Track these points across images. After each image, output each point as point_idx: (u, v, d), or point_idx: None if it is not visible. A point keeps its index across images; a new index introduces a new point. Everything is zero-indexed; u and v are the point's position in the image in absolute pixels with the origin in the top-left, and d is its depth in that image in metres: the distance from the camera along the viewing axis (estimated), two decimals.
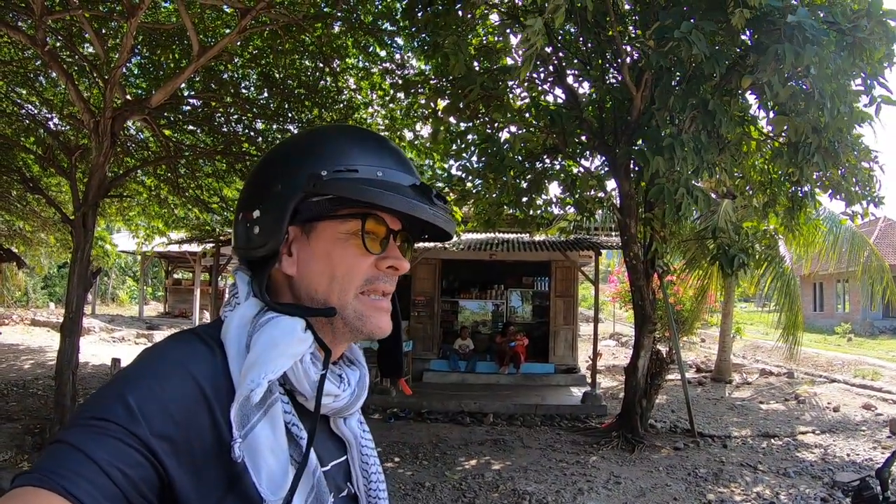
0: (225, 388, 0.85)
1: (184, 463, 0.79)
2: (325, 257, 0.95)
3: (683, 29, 5.87)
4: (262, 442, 0.83)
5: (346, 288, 0.95)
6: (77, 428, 0.76)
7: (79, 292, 7.97)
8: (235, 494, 0.83)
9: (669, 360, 9.78)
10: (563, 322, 14.71)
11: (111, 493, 0.72)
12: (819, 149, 7.33)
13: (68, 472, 0.71)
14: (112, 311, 29.60)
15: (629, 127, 8.09)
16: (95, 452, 0.73)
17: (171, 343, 0.91)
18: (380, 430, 9.67)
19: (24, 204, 15.30)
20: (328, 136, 1.00)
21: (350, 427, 1.05)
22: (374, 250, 0.95)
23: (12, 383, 11.47)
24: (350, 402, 1.00)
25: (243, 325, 0.90)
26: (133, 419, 0.76)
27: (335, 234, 0.95)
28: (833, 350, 21.16)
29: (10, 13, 8.22)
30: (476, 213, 11.14)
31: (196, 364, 0.86)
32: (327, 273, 0.95)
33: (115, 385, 0.82)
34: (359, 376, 1.04)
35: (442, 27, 7.86)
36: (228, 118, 10.83)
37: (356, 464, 1.05)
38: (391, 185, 0.92)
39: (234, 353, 0.89)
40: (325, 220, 0.95)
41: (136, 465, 0.75)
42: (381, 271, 0.97)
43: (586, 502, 6.54)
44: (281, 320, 0.90)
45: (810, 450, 8.91)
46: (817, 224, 13.01)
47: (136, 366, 0.86)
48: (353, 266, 0.95)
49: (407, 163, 0.99)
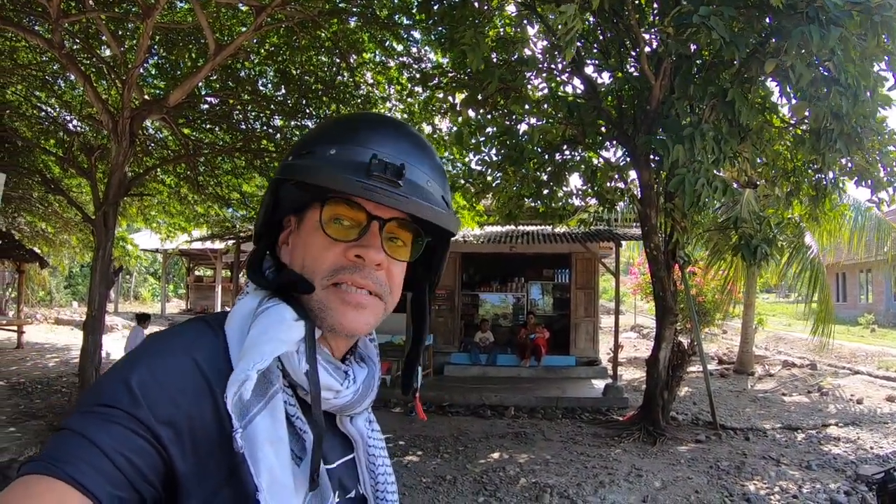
0: (227, 374, 0.84)
1: (187, 449, 0.79)
2: (303, 245, 0.94)
3: (702, 13, 5.80)
4: (261, 434, 0.82)
5: (312, 277, 0.91)
6: (81, 415, 0.76)
7: (101, 290, 8.06)
8: (234, 484, 0.82)
9: (691, 352, 9.70)
10: (583, 314, 14.65)
11: (116, 479, 0.72)
12: (841, 135, 7.21)
13: (73, 459, 0.71)
14: (135, 309, 29.89)
15: (648, 116, 8.02)
16: (100, 439, 0.73)
17: (175, 329, 0.91)
18: (401, 423, 9.70)
19: (46, 205, 15.53)
20: (317, 125, 1.01)
21: (357, 426, 1.02)
22: (342, 237, 0.91)
23: (37, 381, 11.64)
24: (354, 401, 0.97)
25: (246, 315, 0.90)
26: (136, 404, 0.76)
27: (313, 222, 0.93)
28: (856, 341, 20.87)
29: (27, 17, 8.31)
30: (497, 207, 11.10)
31: (199, 349, 0.86)
32: (300, 260, 0.94)
33: (118, 370, 0.81)
34: (367, 374, 1.01)
35: (458, 20, 7.83)
36: (246, 115, 10.88)
37: (363, 464, 1.03)
38: (336, 161, 0.88)
39: (234, 341, 0.88)
40: (310, 209, 0.94)
41: (141, 451, 0.75)
42: (348, 260, 0.91)
43: (607, 495, 6.50)
44: (272, 309, 0.89)
45: (833, 442, 8.80)
46: (843, 210, 12.76)
47: (140, 351, 0.85)
48: (318, 253, 0.92)
49: (391, 141, 0.92)
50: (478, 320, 15.42)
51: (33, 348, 16.22)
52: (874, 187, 8.68)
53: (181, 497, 0.78)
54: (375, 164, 0.86)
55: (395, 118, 1.03)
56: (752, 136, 8.16)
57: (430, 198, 0.91)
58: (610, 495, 6.49)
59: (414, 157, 0.92)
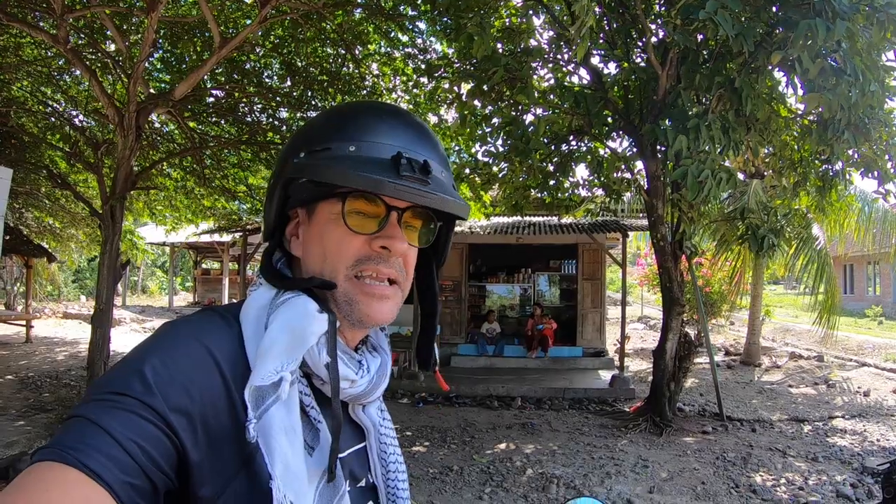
0: (241, 364, 0.85)
1: (199, 438, 0.79)
2: (319, 238, 0.94)
3: (709, 9, 5.77)
4: (276, 423, 0.82)
5: (336, 268, 0.92)
6: (94, 402, 0.76)
7: (108, 284, 8.08)
8: (247, 473, 0.83)
9: (698, 343, 9.68)
10: (590, 305, 14.66)
11: (128, 466, 0.72)
12: (849, 125, 7.18)
13: (84, 447, 0.71)
14: (142, 302, 30.07)
15: (655, 106, 7.99)
16: (112, 426, 0.73)
17: (188, 318, 0.91)
18: (409, 414, 9.73)
19: (53, 200, 15.58)
20: (317, 118, 1.01)
21: (369, 414, 1.03)
22: (363, 229, 0.92)
23: (46, 375, 11.70)
24: (368, 390, 0.98)
25: (263, 306, 0.90)
26: (149, 392, 0.76)
27: (329, 214, 0.93)
28: (864, 333, 20.79)
29: (32, 13, 8.32)
30: (503, 198, 11.09)
31: (212, 339, 0.86)
32: (321, 253, 0.94)
33: (131, 359, 0.81)
34: (379, 363, 1.01)
35: (464, 10, 7.81)
36: (252, 108, 10.88)
37: (374, 452, 1.03)
38: (361, 159, 0.88)
39: (250, 333, 0.88)
40: (322, 202, 0.94)
41: (153, 439, 0.75)
42: (373, 251, 0.92)
43: (614, 486, 6.51)
44: (295, 301, 0.89)
45: (840, 435, 8.78)
46: (850, 201, 12.70)
47: (153, 340, 0.85)
48: (341, 245, 0.92)
49: (402, 132, 0.93)
50: (485, 311, 15.42)
51: (42, 342, 16.28)
52: (881, 178, 8.64)
53: (194, 485, 0.79)
54: (403, 163, 0.88)
55: (395, 105, 1.03)
56: (758, 126, 8.13)
57: (447, 189, 0.93)
58: (616, 486, 6.50)
59: (429, 150, 0.94)
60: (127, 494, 0.71)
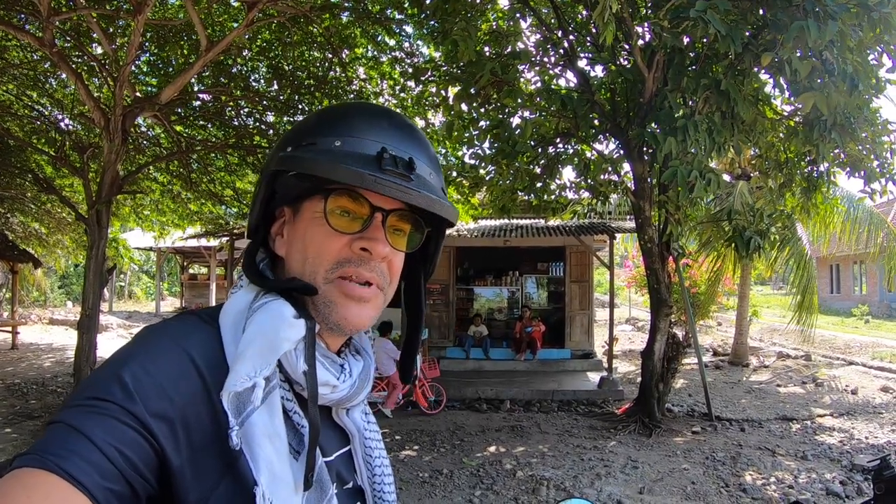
0: (222, 369, 0.84)
1: (181, 443, 0.78)
2: (302, 238, 0.92)
3: (699, 8, 5.81)
4: (258, 430, 0.82)
5: (316, 269, 0.90)
6: (74, 408, 0.75)
7: (95, 289, 8.03)
8: (231, 478, 0.82)
9: (686, 344, 9.72)
10: (578, 307, 14.68)
11: (108, 472, 0.71)
12: (835, 125, 7.24)
13: (65, 452, 0.70)
14: (129, 308, 29.88)
15: (642, 109, 8.03)
16: (92, 432, 0.72)
17: (168, 322, 0.90)
18: (398, 418, 9.72)
19: (39, 205, 15.46)
20: (309, 116, 1.00)
21: (353, 419, 1.02)
22: (345, 229, 0.90)
23: (32, 381, 11.61)
24: (350, 394, 0.96)
25: (241, 311, 0.89)
26: (129, 397, 0.75)
27: (312, 213, 0.91)
28: (850, 332, 20.98)
29: (17, 15, 8.26)
30: (490, 200, 11.10)
31: (193, 343, 0.85)
32: (302, 253, 0.92)
33: (111, 364, 0.80)
34: (362, 367, 1.00)
35: (450, 13, 7.82)
36: (239, 111, 10.86)
37: (359, 456, 1.02)
38: (344, 153, 0.87)
39: (229, 337, 0.87)
40: (307, 200, 0.92)
41: (134, 444, 0.74)
42: (354, 253, 0.90)
43: (604, 487, 6.52)
44: (271, 306, 0.87)
45: (829, 433, 8.84)
46: (835, 203, 12.81)
47: (133, 345, 0.84)
48: (322, 246, 0.90)
49: (390, 130, 0.92)
50: (472, 314, 15.43)
51: (28, 349, 16.18)
52: (867, 178, 8.72)
53: (178, 491, 0.78)
54: (387, 158, 0.87)
55: (390, 108, 1.03)
56: (744, 128, 8.17)
57: (434, 190, 0.91)
58: (606, 487, 6.51)
59: (416, 149, 0.93)
60: (107, 499, 0.70)
